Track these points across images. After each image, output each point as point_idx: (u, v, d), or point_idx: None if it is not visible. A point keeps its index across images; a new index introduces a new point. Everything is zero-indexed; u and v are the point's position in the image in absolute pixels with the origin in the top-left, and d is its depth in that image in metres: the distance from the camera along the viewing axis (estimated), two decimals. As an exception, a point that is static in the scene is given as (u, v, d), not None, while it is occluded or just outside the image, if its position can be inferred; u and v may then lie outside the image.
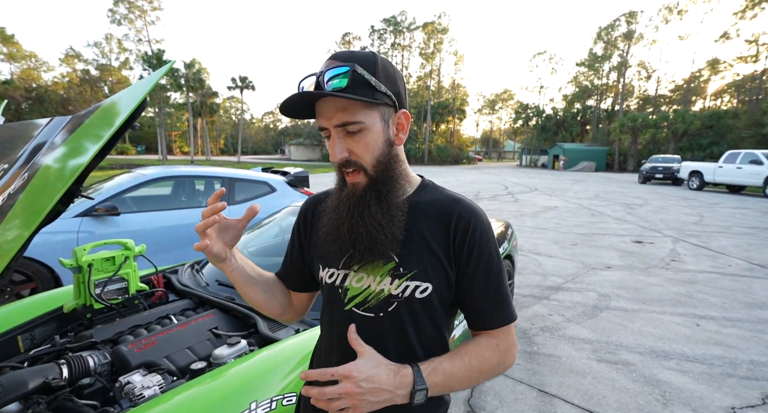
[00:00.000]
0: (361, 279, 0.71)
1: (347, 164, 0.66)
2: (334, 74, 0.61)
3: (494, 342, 0.70)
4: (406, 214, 0.70)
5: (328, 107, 0.64)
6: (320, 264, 0.78)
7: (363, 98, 0.61)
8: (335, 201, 0.72)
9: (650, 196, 12.73)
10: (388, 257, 0.68)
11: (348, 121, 0.63)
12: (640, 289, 4.01)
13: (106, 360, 1.34)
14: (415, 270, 0.68)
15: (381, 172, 0.67)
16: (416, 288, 0.68)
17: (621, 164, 32.80)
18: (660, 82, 39.99)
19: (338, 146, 0.65)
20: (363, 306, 0.71)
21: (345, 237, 0.69)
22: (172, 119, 47.33)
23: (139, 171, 3.82)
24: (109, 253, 1.70)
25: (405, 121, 0.70)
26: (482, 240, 0.69)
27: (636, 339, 2.91)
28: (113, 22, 38.93)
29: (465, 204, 0.72)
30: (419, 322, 0.70)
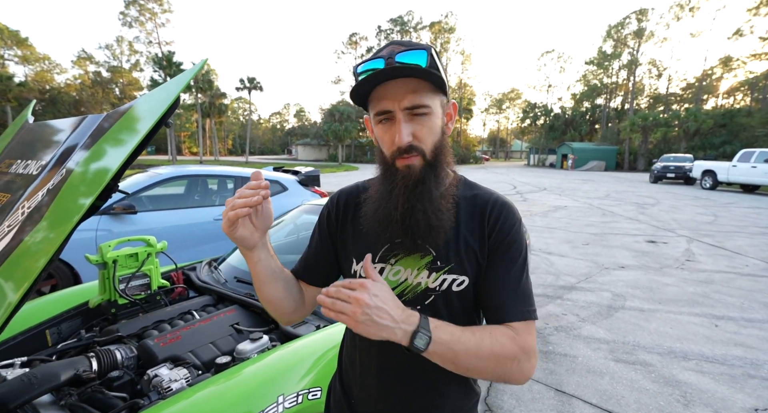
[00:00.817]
0: (398, 273, 0.71)
1: (409, 149, 0.64)
2: (414, 55, 0.62)
3: (511, 334, 0.64)
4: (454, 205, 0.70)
5: (398, 89, 0.63)
6: (354, 257, 0.76)
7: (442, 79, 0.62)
8: (385, 186, 0.69)
9: (662, 196, 12.55)
10: (427, 250, 0.68)
11: (418, 104, 0.63)
12: (655, 289, 3.95)
13: (132, 353, 1.36)
14: (452, 264, 0.68)
15: (437, 158, 0.67)
16: (453, 282, 0.68)
17: (631, 163, 32.38)
18: (671, 80, 39.42)
19: (405, 129, 0.63)
20: (400, 299, 0.70)
21: (397, 223, 0.66)
22: (181, 120, 47.87)
23: (154, 170, 3.87)
24: (133, 250, 1.73)
25: (453, 112, 0.72)
26: (511, 232, 0.69)
27: (653, 339, 2.87)
28: (124, 25, 39.51)
29: (499, 197, 0.73)
30: (455, 315, 0.70)
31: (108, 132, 0.93)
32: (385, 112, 0.65)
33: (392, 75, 0.62)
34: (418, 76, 0.62)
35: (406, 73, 0.62)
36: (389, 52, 0.64)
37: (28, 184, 1.00)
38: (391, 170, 0.68)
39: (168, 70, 32.80)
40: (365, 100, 0.68)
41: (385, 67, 0.62)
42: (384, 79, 0.63)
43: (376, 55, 0.65)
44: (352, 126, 37.33)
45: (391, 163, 0.67)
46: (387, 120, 0.66)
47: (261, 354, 1.33)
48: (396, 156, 0.66)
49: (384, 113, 0.65)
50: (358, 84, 0.63)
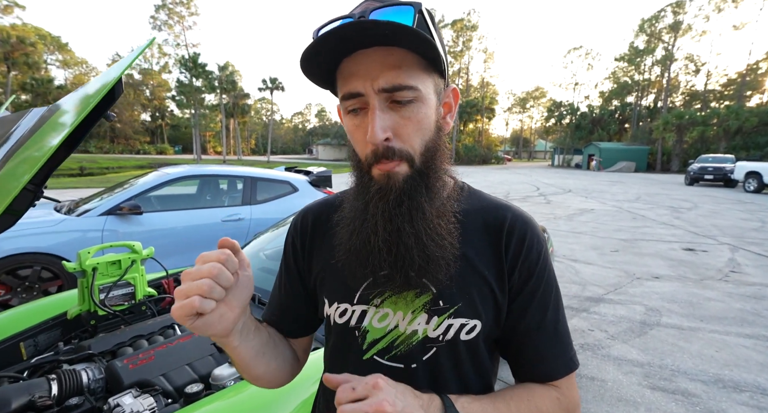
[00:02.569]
0: (385, 317, 0.53)
1: (389, 153, 0.45)
2: (394, 12, 0.43)
3: (554, 394, 0.52)
4: (457, 225, 0.51)
5: (373, 62, 0.44)
6: (326, 297, 0.58)
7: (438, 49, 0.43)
8: (357, 204, 0.50)
9: (700, 199, 11.73)
10: (425, 286, 0.50)
11: (401, 85, 0.44)
12: (695, 304, 3.57)
13: (101, 375, 1.23)
14: (459, 304, 0.51)
15: (429, 164, 0.48)
16: (461, 328, 0.51)
17: (664, 164, 30.76)
18: (710, 75, 37.14)
19: (380, 121, 0.44)
20: (388, 354, 0.53)
21: (378, 254, 0.48)
22: (206, 120, 49.29)
23: (164, 170, 3.83)
24: (115, 257, 1.61)
25: (453, 101, 0.53)
26: (540, 260, 0.53)
27: (696, 363, 2.54)
28: (154, 28, 40.95)
29: (516, 212, 0.56)
30: (463, 372, 0.53)
31: (39, 130, 0.78)
32: (354, 95, 0.45)
33: (360, 39, 0.43)
34: (403, 44, 0.43)
35: (383, 34, 0.41)
36: (363, 9, 0.45)
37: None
38: (365, 179, 0.49)
39: (193, 71, 33.79)
40: (332, 79, 0.49)
41: (348, 24, 0.41)
42: (349, 45, 0.43)
43: (345, 14, 0.46)
44: (372, 125, 37.28)
45: (367, 170, 0.49)
46: (358, 109, 0.47)
47: (239, 384, 1.16)
48: (372, 161, 0.47)
49: (352, 97, 0.46)
50: (306, 51, 0.44)
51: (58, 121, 0.75)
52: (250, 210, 3.76)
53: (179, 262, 2.63)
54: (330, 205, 0.63)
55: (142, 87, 50.49)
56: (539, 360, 0.53)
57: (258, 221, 3.73)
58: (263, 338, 0.56)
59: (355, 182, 0.52)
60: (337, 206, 0.59)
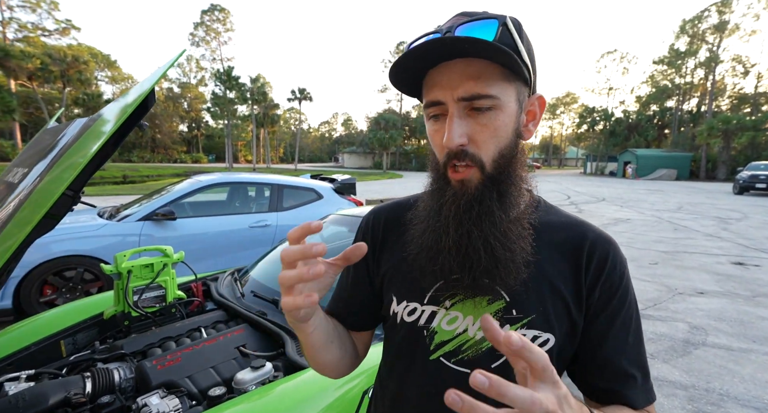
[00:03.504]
0: (455, 320, 0.54)
1: (461, 155, 0.48)
2: (478, 27, 0.46)
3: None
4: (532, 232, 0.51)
5: (454, 73, 0.47)
6: (395, 295, 0.59)
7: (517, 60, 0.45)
8: (432, 204, 0.53)
9: (750, 209, 10.89)
10: (497, 293, 0.51)
11: (479, 94, 0.46)
12: (747, 323, 3.28)
13: (131, 375, 1.28)
14: (533, 315, 0.51)
15: (502, 171, 0.50)
16: (534, 340, 0.51)
17: (709, 172, 28.88)
18: (761, 77, 34.68)
19: (457, 128, 0.47)
20: (455, 358, 0.54)
21: (448, 254, 0.50)
22: (238, 130, 51.40)
23: (196, 177, 4.00)
24: (148, 260, 1.69)
25: (539, 110, 0.54)
26: (623, 282, 0.53)
27: (748, 388, 2.32)
28: (193, 44, 43.46)
29: (596, 230, 0.56)
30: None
31: (80, 139, 0.83)
32: (436, 103, 0.49)
33: (443, 53, 0.46)
34: (481, 55, 0.46)
35: (462, 48, 0.45)
36: (451, 24, 0.49)
37: (10, 192, 0.93)
38: (441, 182, 0.52)
39: (227, 83, 35.41)
40: (419, 88, 0.54)
41: (432, 40, 0.45)
42: (434, 58, 0.47)
43: (435, 28, 0.51)
44: (397, 134, 37.54)
45: (443, 172, 0.51)
46: (439, 115, 0.50)
47: (261, 388, 1.18)
48: (447, 162, 0.50)
49: (434, 105, 0.49)
50: (396, 62, 0.48)
51: (99, 129, 0.79)
52: (276, 217, 3.86)
53: (208, 266, 2.73)
54: (402, 206, 0.65)
55: (180, 100, 53.46)
56: (626, 384, 0.51)
57: (284, 227, 3.81)
58: (330, 327, 0.59)
59: (432, 183, 0.54)
60: (409, 207, 0.61)
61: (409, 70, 0.49)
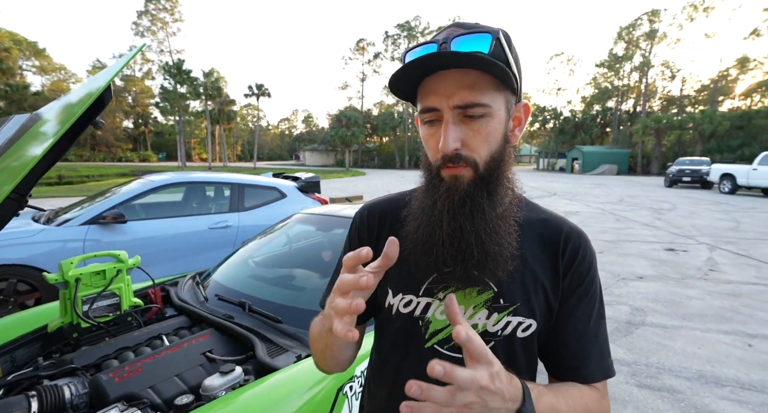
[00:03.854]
0: None
1: (455, 159, 0.52)
2: (473, 40, 0.49)
3: (597, 396, 0.57)
4: (517, 229, 0.56)
5: (450, 82, 0.51)
6: (390, 288, 0.62)
7: (508, 72, 0.49)
8: (426, 201, 0.56)
9: (679, 200, 12.11)
10: (486, 284, 0.56)
11: (473, 103, 0.50)
12: (678, 303, 3.67)
13: (84, 390, 1.19)
14: (518, 303, 0.57)
15: (492, 172, 0.54)
16: (519, 326, 0.57)
17: (644, 167, 31.69)
18: (685, 81, 38.56)
19: (452, 133, 0.51)
20: (448, 344, 0.59)
21: (442, 247, 0.53)
22: (191, 127, 48.59)
23: (148, 177, 3.75)
24: (100, 267, 1.57)
25: (524, 116, 0.60)
26: (590, 271, 0.59)
27: (680, 361, 2.61)
28: (137, 34, 40.34)
29: (571, 225, 0.62)
30: (517, 367, 0.58)
31: (21, 138, 0.76)
32: (431, 109, 0.53)
33: (440, 64, 0.50)
34: (476, 67, 0.50)
35: (459, 61, 0.49)
36: (446, 35, 0.53)
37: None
38: (435, 180, 0.56)
39: (178, 77, 33.35)
40: (414, 94, 0.57)
41: (432, 53, 0.49)
42: (432, 68, 0.51)
43: (432, 39, 0.54)
44: (360, 131, 37.43)
45: (436, 173, 0.55)
46: (434, 121, 0.54)
47: (231, 393, 1.15)
48: (440, 165, 0.54)
49: (430, 111, 0.53)
50: (397, 72, 0.51)
51: (41, 129, 0.73)
52: (237, 218, 3.72)
53: (166, 271, 2.57)
54: (395, 202, 0.68)
55: (124, 94, 49.44)
56: (583, 363, 0.57)
57: (246, 228, 3.68)
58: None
59: (425, 182, 0.58)
60: (403, 204, 0.64)
61: (406, 78, 0.53)
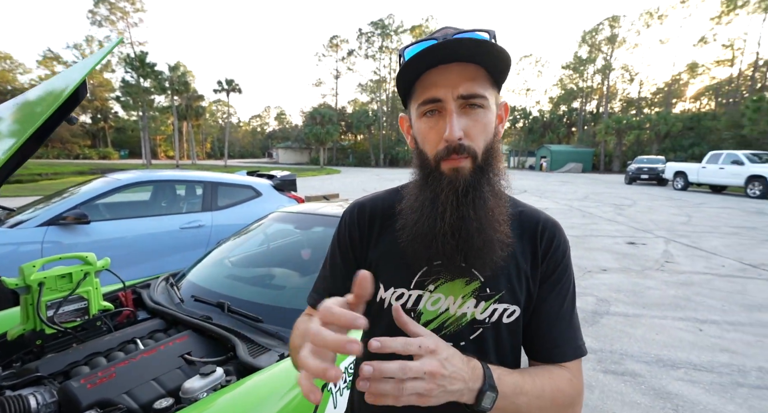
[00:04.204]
0: (438, 301, 0.61)
1: (460, 149, 0.54)
2: (474, 38, 0.51)
3: (567, 375, 0.59)
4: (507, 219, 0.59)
5: (453, 74, 0.54)
6: (382, 282, 0.64)
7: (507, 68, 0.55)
8: (426, 194, 0.57)
9: (638, 197, 12.87)
10: (473, 275, 0.59)
11: (476, 94, 0.54)
12: (638, 293, 3.92)
13: (52, 398, 1.13)
14: (503, 291, 0.60)
15: (489, 162, 0.57)
16: (504, 312, 0.60)
17: (607, 165, 33.38)
18: (642, 84, 41.02)
19: (456, 123, 0.53)
20: (439, 334, 0.61)
21: (443, 238, 0.55)
22: (156, 123, 46.34)
23: (113, 176, 3.57)
24: (65, 269, 1.49)
25: (504, 114, 0.63)
26: (563, 258, 0.63)
27: (641, 347, 2.79)
28: (93, 24, 37.93)
29: (547, 216, 0.67)
30: (503, 352, 0.62)
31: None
32: (434, 100, 0.55)
33: (448, 55, 0.52)
34: (479, 61, 0.54)
35: (469, 51, 0.52)
36: (443, 34, 0.56)
37: None
38: (434, 175, 0.57)
39: (141, 70, 31.71)
40: (408, 91, 0.59)
41: (442, 42, 0.51)
42: (439, 59, 0.53)
43: (429, 36, 0.57)
44: (334, 129, 37.07)
45: (435, 167, 0.57)
46: (434, 112, 0.56)
47: (212, 395, 1.13)
48: (442, 156, 0.55)
49: (431, 102, 0.55)
50: (406, 65, 0.54)
51: (7, 127, 0.70)
52: (210, 217, 3.61)
53: (135, 273, 2.46)
54: (385, 200, 0.69)
55: (80, 86, 46.36)
56: (556, 343, 0.61)
57: (220, 228, 3.58)
58: None
59: (421, 178, 0.59)
60: (394, 200, 0.66)
61: (412, 71, 0.55)
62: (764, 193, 11.97)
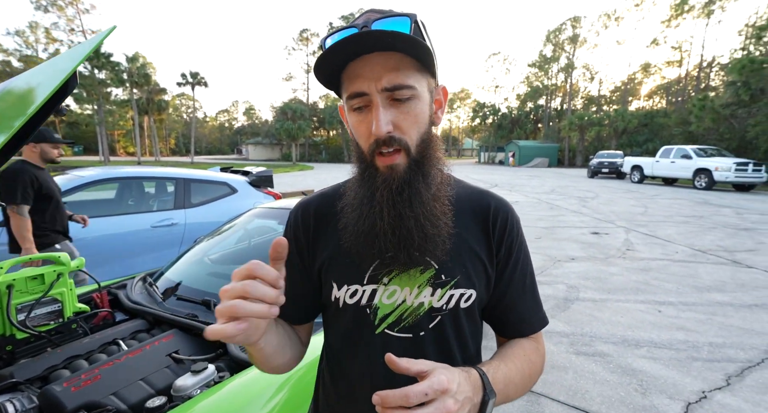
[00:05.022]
0: (393, 294, 0.60)
1: (389, 142, 0.52)
2: (393, 23, 0.50)
3: (534, 345, 0.64)
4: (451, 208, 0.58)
5: (375, 65, 0.51)
6: (334, 281, 0.62)
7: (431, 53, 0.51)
8: (364, 190, 0.56)
9: (600, 190, 13.59)
10: (427, 263, 0.58)
11: (400, 85, 0.51)
12: (603, 279, 4.18)
13: (32, 404, 1.08)
14: (458, 277, 0.59)
15: (424, 154, 0.56)
16: (461, 297, 0.60)
17: (571, 160, 34.93)
18: (602, 83, 43.10)
19: (383, 116, 0.51)
20: (398, 326, 0.60)
21: (383, 236, 0.54)
22: (114, 117, 43.57)
23: (75, 172, 3.36)
24: (36, 271, 1.40)
25: (443, 98, 0.61)
26: (519, 237, 0.65)
27: (608, 329, 2.99)
28: (38, 9, 35.02)
29: (497, 197, 0.67)
30: (463, 336, 0.62)
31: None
32: (359, 94, 0.53)
33: (365, 45, 0.50)
34: (401, 49, 0.51)
35: (384, 41, 0.49)
36: (365, 20, 0.53)
37: None
38: (370, 170, 0.56)
39: (96, 61, 29.68)
40: (338, 81, 0.57)
41: (355, 34, 0.49)
42: (355, 50, 0.51)
43: (349, 24, 0.54)
44: (306, 124, 36.44)
45: (370, 161, 0.56)
46: (362, 106, 0.54)
47: (206, 391, 1.11)
48: (374, 150, 0.54)
49: (358, 96, 0.53)
50: (321, 57, 0.51)
51: None
52: (184, 215, 3.48)
53: (106, 274, 2.34)
54: (329, 196, 0.67)
55: (26, 77, 42.74)
56: (523, 319, 0.64)
57: (194, 226, 3.46)
58: (281, 332, 0.59)
59: (359, 173, 0.58)
60: (337, 197, 0.64)
61: (330, 64, 0.52)
62: (709, 184, 13.01)
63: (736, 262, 4.74)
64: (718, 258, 4.94)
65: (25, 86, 0.70)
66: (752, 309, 3.33)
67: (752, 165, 12.41)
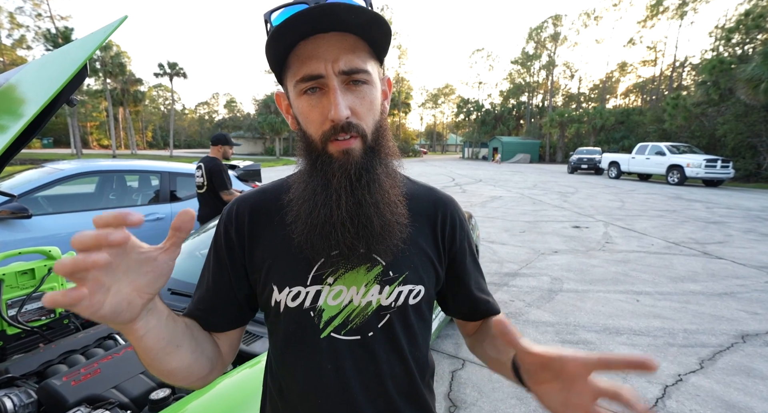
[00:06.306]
0: (339, 294, 0.56)
1: (347, 128, 0.49)
2: (350, 3, 0.46)
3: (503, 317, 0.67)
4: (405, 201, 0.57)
5: (331, 46, 0.48)
6: (275, 284, 0.56)
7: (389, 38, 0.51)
8: (317, 180, 0.51)
9: (579, 185, 14.00)
10: (374, 260, 0.55)
11: (358, 68, 0.49)
12: (585, 271, 4.34)
13: (30, 399, 1.06)
14: (406, 272, 0.58)
15: (378, 142, 0.53)
16: (410, 293, 0.58)
17: (551, 156, 35.76)
18: (582, 81, 44.23)
19: (342, 101, 0.47)
20: (345, 329, 0.56)
21: (341, 227, 0.50)
22: (86, 108, 41.76)
23: (53, 165, 3.23)
24: (26, 265, 1.36)
25: (388, 89, 0.59)
26: (464, 231, 0.66)
27: (590, 318, 3.12)
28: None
29: (443, 194, 0.67)
30: (413, 334, 0.60)
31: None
32: (314, 77, 0.48)
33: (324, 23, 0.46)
34: (358, 33, 0.49)
35: (346, 18, 0.46)
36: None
37: None
38: (323, 159, 0.51)
39: (66, 49, 28.28)
40: (282, 64, 0.51)
41: (315, 7, 0.44)
42: (310, 29, 0.47)
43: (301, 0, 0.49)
44: (289, 118, 35.84)
45: (322, 150, 0.51)
46: (315, 89, 0.49)
47: (213, 382, 1.12)
48: (329, 136, 0.49)
49: (312, 79, 0.48)
50: (274, 34, 0.46)
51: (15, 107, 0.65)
52: (170, 209, 3.41)
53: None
54: (270, 193, 0.62)
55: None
56: (486, 301, 0.68)
57: (181, 220, 3.40)
58: (178, 329, 0.50)
59: (310, 163, 0.53)
60: (280, 192, 0.60)
61: (281, 42, 0.47)
62: (681, 180, 13.59)
63: (706, 254, 5.00)
64: (690, 250, 5.20)
65: (38, 76, 0.68)
66: (722, 298, 3.53)
67: (721, 161, 13.02)
